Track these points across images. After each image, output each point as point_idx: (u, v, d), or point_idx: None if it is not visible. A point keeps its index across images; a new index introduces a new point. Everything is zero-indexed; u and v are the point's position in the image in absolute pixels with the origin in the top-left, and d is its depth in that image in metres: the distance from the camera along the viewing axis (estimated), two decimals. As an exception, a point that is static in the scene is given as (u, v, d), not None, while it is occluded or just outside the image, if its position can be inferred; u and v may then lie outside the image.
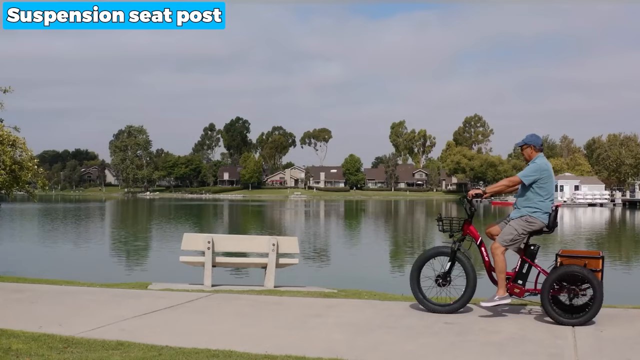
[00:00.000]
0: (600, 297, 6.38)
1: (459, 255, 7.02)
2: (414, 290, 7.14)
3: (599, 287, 6.39)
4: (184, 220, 50.05)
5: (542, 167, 6.96)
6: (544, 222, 6.87)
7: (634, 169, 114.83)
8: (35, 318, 6.60)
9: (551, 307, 6.52)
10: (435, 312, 6.97)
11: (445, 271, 7.07)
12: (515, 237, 6.81)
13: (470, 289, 6.93)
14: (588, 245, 29.88)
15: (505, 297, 6.74)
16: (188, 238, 9.53)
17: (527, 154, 7.14)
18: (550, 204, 6.92)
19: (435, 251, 7.28)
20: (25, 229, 37.63)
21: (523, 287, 6.84)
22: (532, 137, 7.14)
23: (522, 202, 6.97)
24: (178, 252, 10.25)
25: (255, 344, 5.55)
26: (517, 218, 6.91)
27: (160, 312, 7.11)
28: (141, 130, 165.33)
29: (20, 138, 12.47)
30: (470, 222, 7.12)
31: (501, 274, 6.76)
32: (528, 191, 6.93)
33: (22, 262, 20.12)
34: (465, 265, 6.98)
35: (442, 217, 7.17)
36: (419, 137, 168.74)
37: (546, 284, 6.56)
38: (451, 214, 7.26)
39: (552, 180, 7.01)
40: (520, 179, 6.96)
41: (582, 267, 6.50)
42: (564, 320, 6.44)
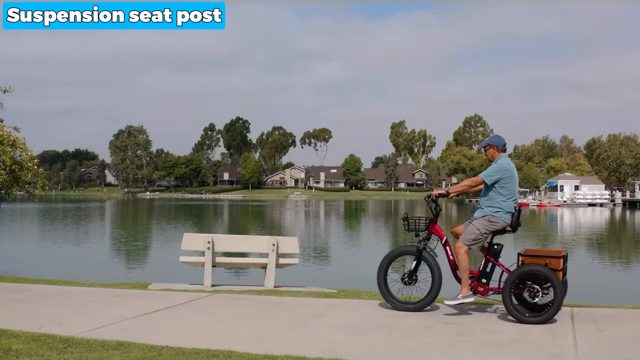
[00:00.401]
0: (561, 296, 6.46)
1: (424, 255, 7.14)
2: (380, 288, 7.26)
3: (559, 285, 6.46)
4: (184, 220, 50.05)
5: (505, 167, 7.04)
6: (507, 221, 6.94)
7: (634, 169, 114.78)
8: (35, 318, 6.60)
9: (512, 306, 6.59)
10: (402, 310, 7.09)
11: (411, 270, 7.20)
12: (478, 236, 6.90)
13: (436, 288, 7.03)
14: (588, 246, 29.89)
15: (469, 295, 6.84)
16: (188, 238, 9.53)
17: (490, 155, 7.26)
18: (513, 203, 7.00)
19: (401, 250, 7.43)
20: (25, 229, 37.63)
21: (487, 285, 6.93)
22: (494, 138, 7.29)
23: (485, 202, 7.07)
24: (178, 252, 10.25)
25: (256, 344, 5.55)
26: (480, 218, 7.00)
27: (160, 312, 7.11)
28: (141, 130, 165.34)
29: (20, 138, 12.47)
30: (436, 221, 7.21)
31: (464, 272, 6.87)
32: (491, 191, 7.02)
33: (22, 262, 20.12)
34: (431, 264, 7.09)
35: (408, 216, 7.28)
36: (419, 137, 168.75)
37: (507, 283, 6.64)
38: (418, 214, 7.18)
39: (514, 180, 7.08)
40: (483, 179, 7.07)
41: (543, 266, 6.56)
42: (525, 319, 6.50)
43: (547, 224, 48.69)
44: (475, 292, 6.91)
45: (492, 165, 7.15)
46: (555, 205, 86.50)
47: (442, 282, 7.07)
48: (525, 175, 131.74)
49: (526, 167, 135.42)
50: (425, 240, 7.18)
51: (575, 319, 6.62)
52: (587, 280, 18.54)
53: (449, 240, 7.21)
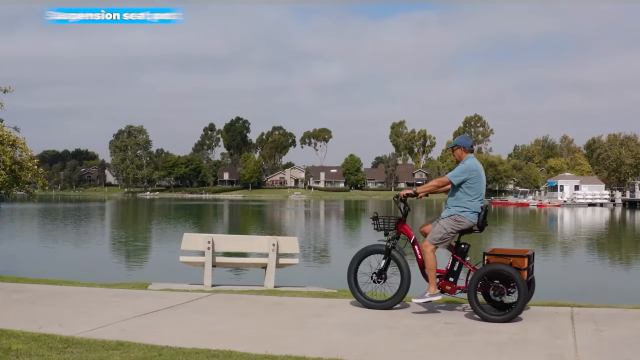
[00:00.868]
0: (525, 294, 6.49)
1: (393, 253, 7.22)
2: (351, 286, 7.37)
3: (523, 284, 6.51)
4: (184, 220, 50.06)
5: (471, 168, 7.11)
6: (473, 221, 7.02)
7: (634, 168, 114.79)
8: (35, 318, 6.60)
9: (477, 304, 6.66)
10: (371, 308, 7.19)
11: (380, 268, 7.29)
12: (445, 235, 6.99)
13: (405, 286, 7.13)
14: (589, 246, 29.89)
15: (436, 294, 6.94)
16: (188, 238, 9.53)
17: (457, 155, 7.33)
18: (479, 203, 7.08)
19: (371, 249, 7.46)
20: (25, 229, 37.63)
21: (454, 284, 7.02)
22: (461, 139, 7.38)
23: (452, 201, 7.14)
24: (178, 252, 10.25)
25: (256, 344, 5.55)
26: (447, 217, 7.08)
27: (160, 312, 7.11)
28: (141, 130, 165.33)
29: (20, 138, 12.47)
30: (404, 221, 7.31)
31: (431, 271, 6.96)
32: (458, 191, 7.10)
33: (22, 262, 20.13)
34: (400, 263, 7.17)
35: (377, 216, 7.36)
36: (419, 137, 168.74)
37: (472, 282, 6.71)
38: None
39: (481, 181, 7.15)
40: (449, 179, 7.15)
41: (507, 265, 6.61)
42: (490, 317, 6.56)
43: (547, 224, 48.68)
44: (443, 290, 7.02)
45: (459, 165, 7.24)
46: (555, 205, 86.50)
47: (411, 281, 7.19)
48: (525, 175, 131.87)
49: (526, 167, 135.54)
50: (394, 240, 7.28)
51: (575, 319, 6.62)
52: (587, 280, 18.54)
53: (418, 240, 7.30)
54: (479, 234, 7.39)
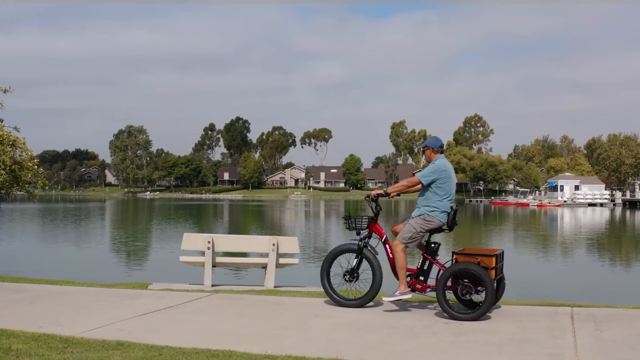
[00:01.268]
0: (492, 293, 6.56)
1: (365, 252, 7.34)
2: (324, 285, 7.49)
3: (490, 283, 6.57)
4: (184, 220, 50.06)
5: (441, 168, 7.20)
6: (442, 220, 7.10)
7: (634, 168, 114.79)
8: (35, 318, 6.60)
9: (445, 303, 6.71)
10: (344, 306, 7.30)
11: (353, 267, 7.40)
12: (414, 235, 7.07)
13: (377, 285, 7.24)
14: (589, 246, 29.88)
15: (406, 292, 7.03)
16: (188, 238, 9.53)
17: (427, 156, 7.44)
18: (449, 203, 7.16)
19: (343, 248, 7.55)
20: (25, 229, 37.62)
21: (425, 283, 7.10)
22: (431, 140, 7.45)
23: (421, 201, 7.23)
24: (178, 252, 10.25)
25: (255, 344, 5.55)
26: (417, 217, 7.17)
27: (160, 312, 7.11)
28: (141, 130, 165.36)
29: (20, 138, 12.45)
30: (376, 220, 7.43)
31: (401, 270, 7.05)
32: (427, 191, 7.19)
33: (22, 262, 20.12)
34: (372, 262, 7.28)
35: (349, 215, 7.46)
36: (419, 137, 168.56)
37: (441, 281, 6.78)
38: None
39: (450, 181, 7.23)
40: (419, 179, 7.23)
41: (475, 264, 6.67)
42: (458, 316, 6.63)
43: (547, 224, 48.67)
44: (414, 289, 7.10)
45: (429, 166, 7.33)
46: (555, 205, 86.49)
47: (383, 279, 7.29)
48: (526, 175, 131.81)
49: (526, 167, 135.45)
50: (366, 239, 7.39)
51: (575, 319, 6.62)
52: (587, 280, 18.54)
53: (390, 239, 7.37)
54: (478, 234, 7.41)
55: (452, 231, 7.30)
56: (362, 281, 7.45)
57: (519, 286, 16.35)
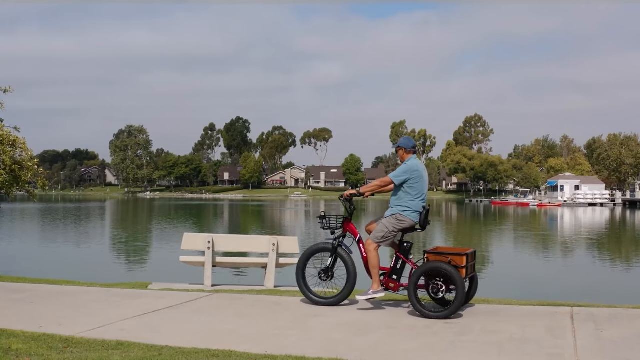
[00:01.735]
0: (462, 292, 6.64)
1: (339, 252, 7.45)
2: (299, 284, 7.58)
3: (461, 282, 6.65)
4: (184, 220, 50.06)
5: (412, 168, 7.27)
6: (414, 220, 7.19)
7: (634, 168, 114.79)
8: (35, 318, 6.60)
9: (417, 301, 6.79)
10: (319, 304, 7.40)
11: (327, 266, 7.50)
12: (387, 234, 7.16)
13: (351, 283, 7.33)
14: (589, 246, 29.88)
15: (379, 291, 7.10)
16: (188, 238, 9.53)
17: (400, 156, 7.54)
18: (421, 203, 7.25)
19: (318, 247, 7.66)
20: (25, 229, 37.63)
21: (398, 282, 7.19)
22: (403, 140, 7.52)
23: (394, 201, 7.33)
24: (178, 252, 10.25)
25: (255, 343, 5.55)
26: (389, 216, 7.25)
27: (160, 312, 7.11)
28: (141, 130, 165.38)
29: (20, 138, 12.45)
30: (350, 220, 7.52)
31: (374, 269, 7.13)
32: (400, 191, 7.28)
33: (22, 262, 20.13)
34: (346, 261, 7.38)
35: (324, 215, 7.56)
36: (419, 137, 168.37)
37: (412, 279, 6.87)
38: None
39: (422, 181, 7.32)
40: (391, 179, 7.33)
41: (446, 264, 6.74)
42: (429, 314, 6.71)
43: (547, 224, 48.67)
44: (387, 288, 7.19)
45: (401, 166, 7.41)
46: (555, 205, 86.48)
47: (357, 278, 7.38)
48: (526, 175, 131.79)
49: (526, 167, 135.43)
50: (340, 238, 7.49)
51: (575, 319, 6.61)
52: (587, 280, 18.54)
53: (364, 238, 7.46)
54: (477, 236, 7.43)
55: (424, 231, 7.38)
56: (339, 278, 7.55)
57: (519, 286, 16.35)
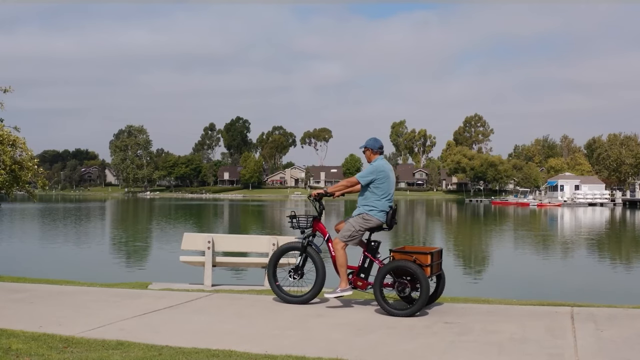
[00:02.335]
0: (426, 290, 6.73)
1: (309, 250, 7.58)
2: (270, 282, 7.72)
3: (425, 281, 6.74)
4: (184, 220, 50.07)
5: (379, 169, 7.36)
6: (381, 219, 7.30)
7: (634, 168, 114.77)
8: (35, 318, 6.60)
9: (382, 299, 6.90)
10: (289, 302, 7.54)
11: (297, 265, 7.65)
12: (353, 233, 7.28)
13: (320, 281, 7.46)
14: (589, 246, 29.88)
15: (347, 289, 7.23)
16: (188, 238, 9.53)
17: (367, 156, 7.62)
18: (387, 202, 7.35)
19: (288, 246, 7.81)
20: (25, 229, 37.63)
21: (366, 280, 7.32)
22: (370, 141, 7.60)
23: (361, 201, 7.43)
24: (178, 252, 10.25)
25: (256, 343, 5.55)
26: (356, 216, 7.36)
27: (160, 312, 7.11)
28: (141, 130, 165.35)
29: (20, 138, 12.43)
30: (319, 219, 7.66)
31: (342, 267, 7.26)
32: (366, 191, 7.38)
33: (22, 262, 20.12)
34: (315, 260, 7.52)
35: (295, 214, 7.68)
36: (419, 137, 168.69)
37: (377, 278, 6.97)
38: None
39: (389, 181, 7.41)
40: (358, 179, 7.44)
41: (410, 262, 6.85)
42: (394, 312, 6.81)
43: (547, 224, 48.67)
44: (355, 286, 7.31)
45: (368, 166, 7.51)
46: (555, 205, 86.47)
47: (327, 276, 7.49)
48: (526, 175, 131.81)
49: (526, 166, 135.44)
50: (310, 237, 7.62)
51: (575, 319, 6.61)
52: (587, 280, 18.54)
53: (333, 237, 7.55)
54: (477, 236, 7.45)
55: (391, 230, 7.49)
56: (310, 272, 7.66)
57: (519, 286, 16.35)
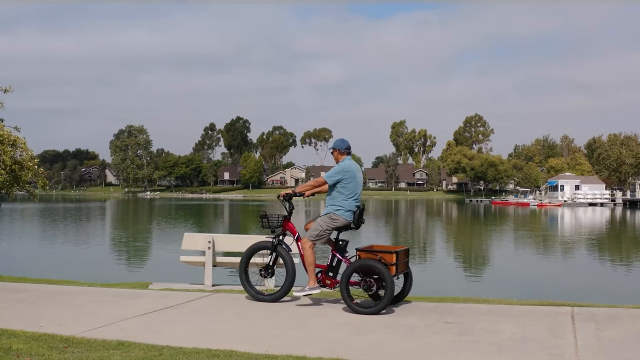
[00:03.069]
0: (391, 289, 6.84)
1: (279, 249, 7.73)
2: (242, 280, 7.84)
3: (389, 279, 6.85)
4: (184, 220, 50.07)
5: (345, 169, 7.48)
6: (348, 219, 7.41)
7: (634, 168, 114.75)
8: (35, 318, 6.60)
9: (348, 297, 7.01)
10: (260, 300, 7.66)
11: (268, 264, 7.79)
12: (321, 232, 7.39)
13: (290, 280, 7.60)
14: (589, 245, 29.88)
15: (315, 287, 7.34)
16: (188, 238, 9.53)
17: (334, 157, 7.74)
18: (354, 202, 7.46)
19: (258, 245, 7.95)
20: (25, 229, 37.63)
21: (334, 279, 7.43)
22: (337, 142, 7.74)
23: (328, 200, 7.56)
24: (178, 252, 10.25)
25: (256, 343, 5.55)
26: (324, 215, 7.49)
27: (160, 311, 7.11)
28: (141, 130, 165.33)
29: (20, 138, 12.43)
30: (289, 219, 7.80)
31: (310, 266, 7.37)
32: (334, 191, 7.50)
33: (22, 262, 20.13)
34: (285, 258, 7.64)
35: (265, 214, 7.83)
36: (419, 137, 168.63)
37: (344, 276, 7.10)
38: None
39: (356, 181, 7.51)
40: (325, 179, 7.57)
41: (375, 261, 6.96)
42: (360, 310, 6.93)
43: (547, 224, 48.66)
44: (324, 284, 7.43)
45: (335, 166, 7.61)
46: (555, 205, 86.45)
47: (297, 275, 7.62)
48: (526, 175, 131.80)
49: (527, 166, 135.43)
50: (280, 236, 7.77)
51: (575, 319, 6.61)
52: (588, 280, 18.54)
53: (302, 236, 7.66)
54: (478, 236, 7.46)
55: (358, 229, 7.61)
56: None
57: (520, 286, 16.35)
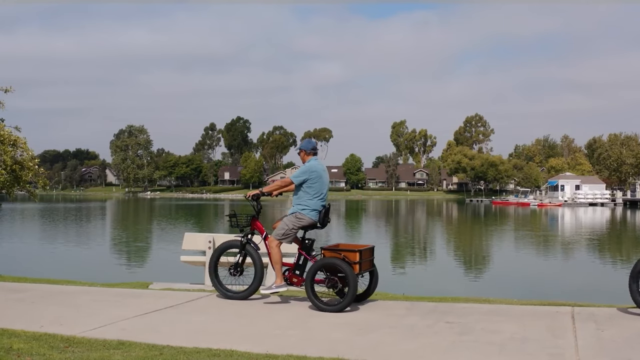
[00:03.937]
0: (354, 287, 6.98)
1: (247, 248, 7.87)
2: (212, 279, 7.98)
3: (352, 277, 7.00)
4: (184, 220, 50.08)
5: (311, 169, 7.63)
6: (313, 218, 7.57)
7: (634, 168, 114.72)
8: (36, 318, 6.61)
9: (313, 295, 7.16)
10: (230, 298, 7.80)
11: (237, 262, 7.93)
12: (287, 231, 7.53)
13: (258, 278, 7.76)
14: (589, 245, 29.87)
15: (282, 285, 7.50)
16: (189, 238, 9.53)
17: (301, 158, 7.90)
18: (320, 202, 7.60)
19: (227, 244, 8.08)
20: (25, 229, 37.64)
21: (301, 277, 7.56)
22: (303, 143, 7.93)
23: (295, 200, 7.70)
24: (179, 252, 10.25)
25: (257, 343, 5.55)
26: (290, 215, 7.62)
27: (161, 311, 7.11)
28: (142, 130, 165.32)
29: (21, 138, 12.44)
30: (257, 218, 7.94)
31: (277, 264, 7.49)
32: (300, 191, 7.65)
33: (23, 261, 20.14)
34: (254, 257, 7.79)
35: (234, 213, 7.95)
36: (419, 137, 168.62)
37: (308, 274, 7.26)
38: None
39: (322, 181, 7.66)
40: (291, 179, 7.73)
41: (339, 259, 7.11)
42: (324, 307, 7.07)
43: (548, 224, 48.65)
44: (290, 282, 7.58)
45: (301, 167, 7.74)
46: (556, 205, 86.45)
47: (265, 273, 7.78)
48: (526, 175, 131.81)
49: (527, 166, 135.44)
50: (248, 235, 7.90)
51: (576, 319, 6.62)
52: (588, 279, 18.54)
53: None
54: (478, 236, 7.45)
55: (324, 228, 7.71)
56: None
57: (520, 286, 16.36)
